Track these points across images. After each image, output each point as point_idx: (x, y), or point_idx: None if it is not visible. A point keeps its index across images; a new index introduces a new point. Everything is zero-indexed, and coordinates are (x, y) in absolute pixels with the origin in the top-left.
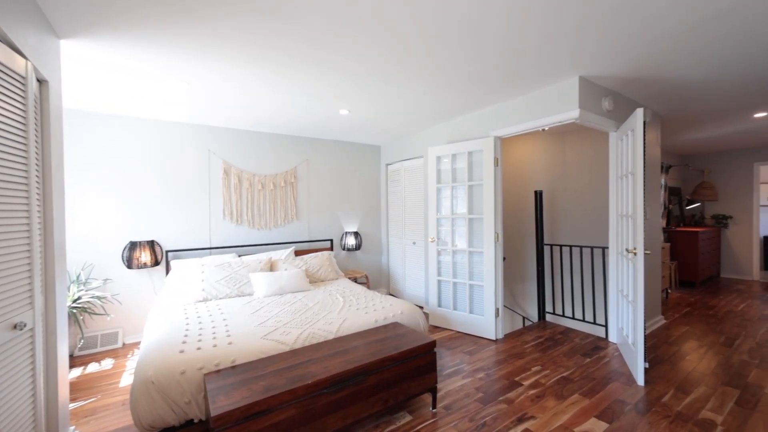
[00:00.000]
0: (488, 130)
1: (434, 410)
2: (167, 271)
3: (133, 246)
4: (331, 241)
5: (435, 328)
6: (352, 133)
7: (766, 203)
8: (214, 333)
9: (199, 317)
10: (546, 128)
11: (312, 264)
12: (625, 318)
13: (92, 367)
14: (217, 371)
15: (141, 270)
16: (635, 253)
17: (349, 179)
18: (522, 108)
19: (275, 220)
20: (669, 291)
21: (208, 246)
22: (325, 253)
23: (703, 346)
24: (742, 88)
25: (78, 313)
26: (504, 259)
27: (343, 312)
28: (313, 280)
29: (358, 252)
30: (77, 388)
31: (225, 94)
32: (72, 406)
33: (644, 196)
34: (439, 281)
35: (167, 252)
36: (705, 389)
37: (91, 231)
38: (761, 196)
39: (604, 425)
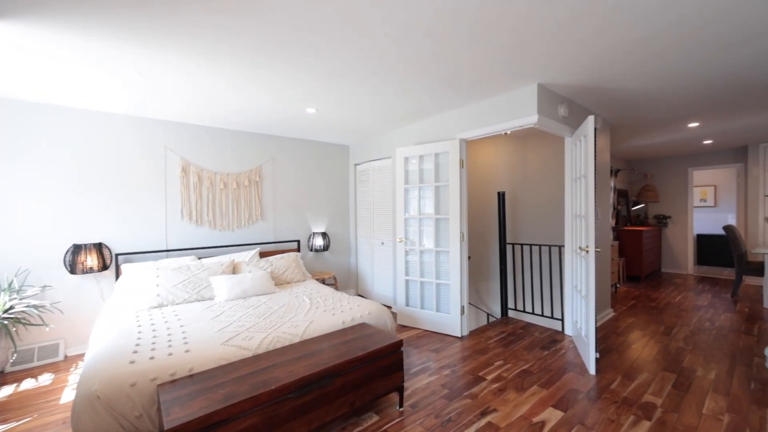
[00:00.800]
0: (454, 133)
1: (401, 409)
2: (117, 275)
3: (77, 249)
4: (298, 242)
5: (403, 328)
6: (320, 132)
7: (699, 204)
8: (169, 341)
9: (153, 324)
10: (508, 132)
11: (278, 266)
12: (579, 312)
13: (28, 384)
14: (173, 381)
15: (86, 275)
16: (587, 251)
17: (316, 179)
18: (486, 112)
19: (239, 220)
20: (618, 285)
21: (165, 248)
22: (292, 254)
23: (646, 336)
24: (676, 100)
25: (10, 325)
26: (469, 258)
27: (309, 314)
28: (279, 282)
29: (326, 253)
30: (8, 408)
31: (182, 89)
32: (1, 428)
33: (595, 198)
34: (406, 281)
35: (117, 255)
36: (647, 375)
37: (26, 233)
38: (695, 198)
39: (559, 414)
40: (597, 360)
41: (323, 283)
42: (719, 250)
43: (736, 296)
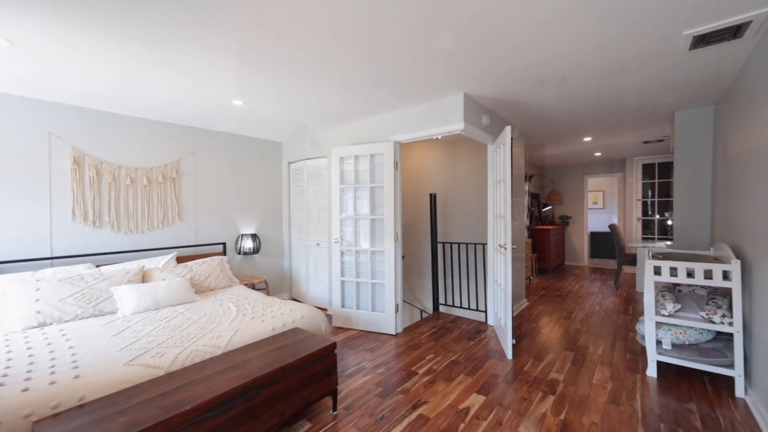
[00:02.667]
0: (389, 135)
1: (335, 413)
2: None
3: None
4: (224, 244)
5: (339, 329)
6: (249, 126)
7: (592, 207)
8: (52, 366)
9: (29, 348)
10: (439, 137)
11: (199, 271)
12: (499, 303)
13: None
14: (55, 415)
15: None
16: (506, 248)
17: (246, 177)
18: (418, 117)
19: (150, 221)
20: (531, 278)
21: (49, 255)
22: (216, 258)
23: (552, 321)
24: (572, 118)
25: None
26: (403, 257)
27: (235, 323)
28: (201, 289)
29: (256, 256)
30: None
31: (73, 65)
32: None
33: (512, 200)
34: (342, 282)
35: None
36: (553, 355)
37: None
38: (589, 201)
39: (482, 398)
40: (514, 346)
41: (253, 288)
42: (606, 245)
43: (618, 283)
